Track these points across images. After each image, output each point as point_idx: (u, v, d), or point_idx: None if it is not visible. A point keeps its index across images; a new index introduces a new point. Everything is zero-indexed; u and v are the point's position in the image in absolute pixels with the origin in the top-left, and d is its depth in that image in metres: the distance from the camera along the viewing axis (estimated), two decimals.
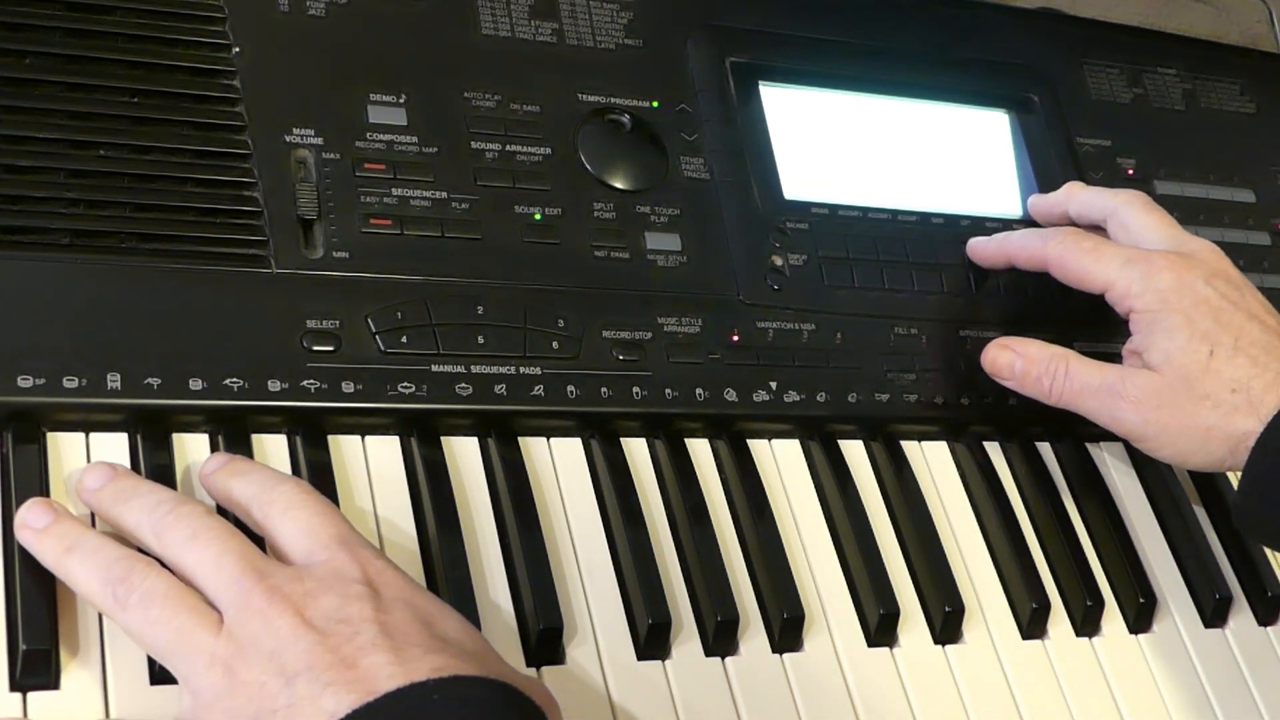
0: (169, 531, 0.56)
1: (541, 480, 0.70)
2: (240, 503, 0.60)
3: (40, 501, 0.58)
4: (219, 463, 0.62)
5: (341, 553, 0.56)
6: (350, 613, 0.53)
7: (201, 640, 0.53)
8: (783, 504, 0.75)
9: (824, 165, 0.84)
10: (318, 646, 0.52)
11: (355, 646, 0.52)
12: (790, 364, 0.76)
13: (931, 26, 0.91)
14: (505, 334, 0.70)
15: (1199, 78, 0.99)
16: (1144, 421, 0.75)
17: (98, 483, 0.59)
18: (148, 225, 0.66)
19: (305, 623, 0.53)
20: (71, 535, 0.56)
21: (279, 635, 0.52)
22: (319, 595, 0.54)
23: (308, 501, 0.59)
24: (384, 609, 0.54)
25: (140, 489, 0.59)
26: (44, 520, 0.57)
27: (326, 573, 0.55)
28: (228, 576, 0.54)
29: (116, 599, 0.54)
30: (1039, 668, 0.74)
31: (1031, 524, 0.80)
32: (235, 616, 0.53)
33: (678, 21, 0.83)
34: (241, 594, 0.54)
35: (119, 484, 0.59)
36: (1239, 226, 0.95)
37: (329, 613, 0.53)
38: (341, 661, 0.51)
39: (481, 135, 0.75)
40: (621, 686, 0.65)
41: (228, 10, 0.71)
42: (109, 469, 0.60)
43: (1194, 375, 0.74)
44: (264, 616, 0.53)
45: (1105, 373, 0.76)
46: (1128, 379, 0.75)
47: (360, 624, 0.53)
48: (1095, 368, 0.77)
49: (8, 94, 0.65)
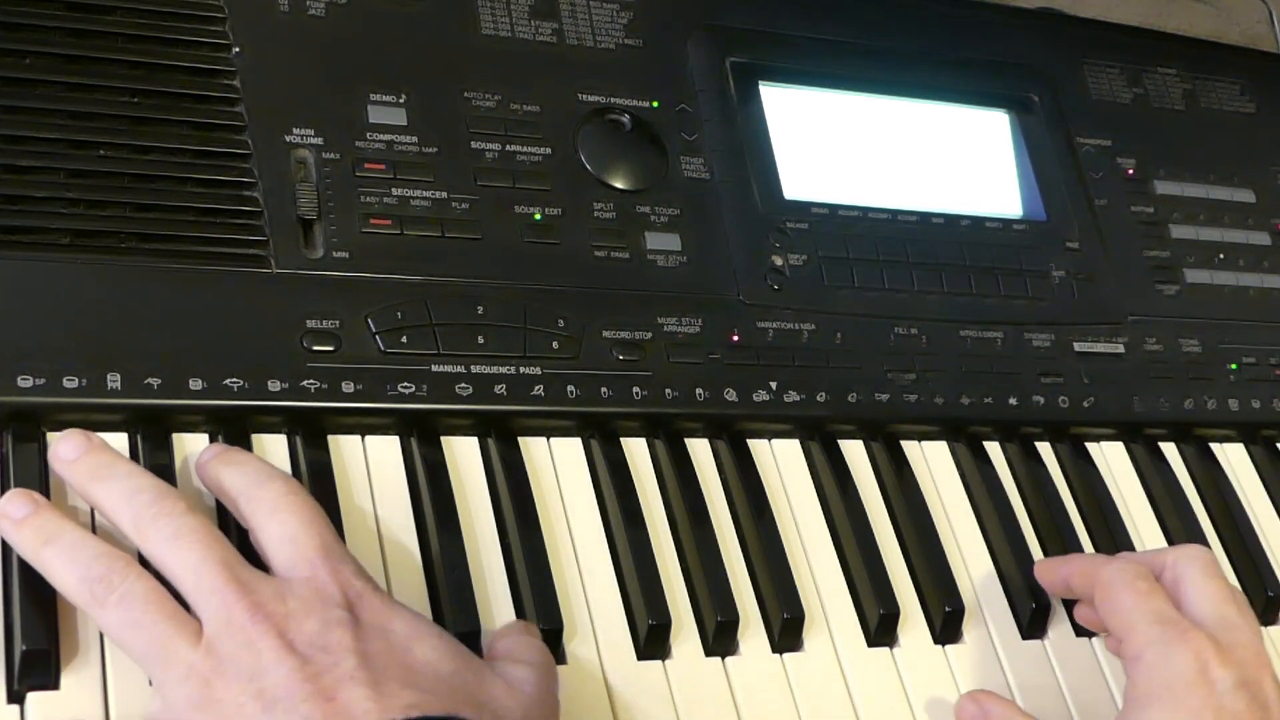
0: (149, 526, 0.55)
1: (541, 480, 0.70)
2: (229, 494, 0.59)
3: (21, 492, 0.57)
4: (214, 452, 0.62)
5: (324, 570, 0.56)
6: (330, 639, 0.53)
7: (179, 650, 0.53)
8: (783, 504, 0.75)
9: (824, 165, 0.84)
10: (297, 674, 0.52)
11: (334, 677, 0.52)
12: (790, 364, 0.76)
13: (931, 26, 0.91)
14: (505, 334, 0.70)
15: (1199, 78, 0.99)
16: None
17: (73, 453, 0.59)
18: (148, 225, 0.66)
19: (286, 646, 0.52)
20: (50, 527, 0.56)
21: (260, 657, 0.52)
22: (300, 618, 0.53)
23: (294, 505, 0.58)
24: (363, 636, 0.54)
25: (118, 468, 0.58)
26: (23, 511, 0.56)
27: (308, 593, 0.55)
28: (209, 585, 0.54)
29: (95, 597, 0.54)
30: (1039, 668, 0.74)
31: (1031, 524, 0.80)
32: (215, 630, 0.53)
33: (678, 21, 0.83)
34: (223, 607, 0.53)
35: (94, 458, 0.58)
36: (1239, 226, 0.95)
37: (310, 638, 0.53)
38: (320, 692, 0.51)
39: (481, 135, 0.75)
40: (621, 686, 0.65)
41: (228, 10, 0.71)
42: (84, 438, 0.59)
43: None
44: (245, 635, 0.52)
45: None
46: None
47: (340, 653, 0.53)
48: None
49: (8, 94, 0.65)
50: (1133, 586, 0.69)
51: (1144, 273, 0.90)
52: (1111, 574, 0.70)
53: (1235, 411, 0.88)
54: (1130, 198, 0.92)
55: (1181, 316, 0.90)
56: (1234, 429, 0.90)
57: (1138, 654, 0.67)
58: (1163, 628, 0.67)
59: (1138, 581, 0.69)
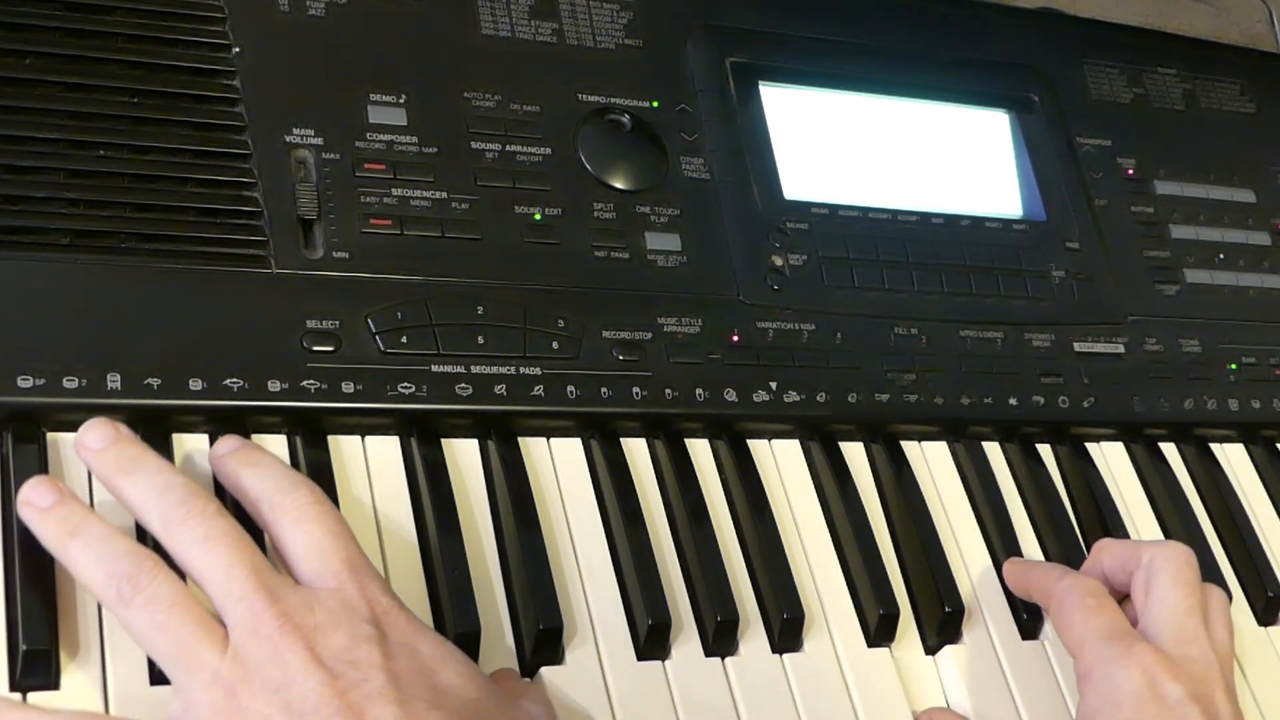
0: (179, 527, 0.55)
1: (541, 480, 0.70)
2: (250, 497, 0.59)
3: (44, 479, 0.57)
4: (230, 446, 0.61)
5: (350, 584, 0.55)
6: (359, 655, 0.53)
7: (205, 656, 0.52)
8: (783, 504, 0.75)
9: (824, 165, 0.84)
10: (326, 688, 0.51)
11: (363, 694, 0.52)
12: (790, 364, 0.76)
13: (931, 26, 0.91)
14: (505, 334, 0.70)
15: (1199, 78, 0.99)
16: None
17: (100, 443, 0.58)
18: (148, 225, 0.66)
19: (315, 659, 0.52)
20: (76, 518, 0.55)
21: (288, 668, 0.52)
22: (329, 631, 0.53)
23: (321, 516, 0.58)
24: (391, 654, 0.53)
25: (146, 462, 0.58)
26: (48, 500, 0.56)
27: (336, 605, 0.54)
28: (238, 592, 0.53)
29: (121, 595, 0.53)
30: (1038, 668, 0.74)
31: (1031, 524, 0.80)
32: (243, 638, 0.53)
33: (678, 21, 0.83)
34: (251, 615, 0.53)
35: (123, 450, 0.58)
36: (1239, 226, 0.95)
37: (339, 652, 0.53)
38: (349, 708, 0.51)
39: (481, 135, 0.75)
40: (621, 686, 0.65)
41: (228, 10, 0.71)
42: (111, 428, 0.59)
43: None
44: (273, 645, 0.52)
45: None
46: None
47: (369, 669, 0.52)
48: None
49: (8, 94, 0.65)
50: (1082, 604, 0.69)
51: (1144, 273, 0.90)
52: (1063, 591, 0.70)
53: (1235, 412, 0.88)
54: (1130, 198, 0.92)
55: (1181, 316, 0.90)
56: (1234, 429, 0.90)
57: (1087, 671, 0.67)
58: (1109, 644, 0.67)
59: (1087, 599, 0.69)
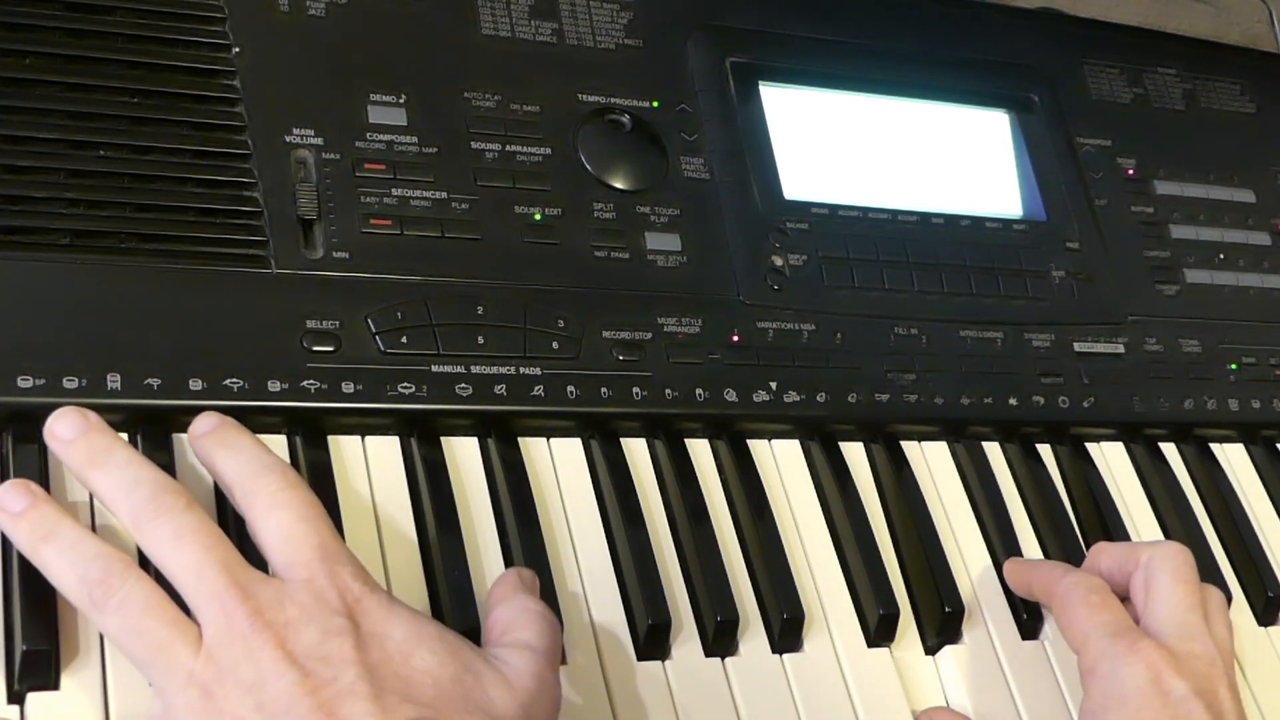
0: (149, 524, 0.55)
1: (541, 480, 0.70)
2: (225, 480, 0.59)
3: (18, 483, 0.57)
4: (208, 426, 0.60)
5: (321, 573, 0.55)
6: (330, 650, 0.53)
7: (179, 656, 0.52)
8: (783, 504, 0.75)
9: (824, 165, 0.84)
10: (297, 687, 0.51)
11: (334, 691, 0.52)
12: (790, 364, 0.76)
13: (931, 26, 0.91)
14: (505, 334, 0.70)
15: (1199, 78, 0.99)
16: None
17: (70, 433, 0.58)
18: (148, 225, 0.66)
19: (287, 657, 0.52)
20: (48, 523, 0.55)
21: (260, 668, 0.52)
22: (300, 627, 0.53)
23: (292, 501, 0.57)
24: (363, 646, 0.54)
25: (116, 454, 0.57)
26: (20, 504, 0.55)
27: (308, 598, 0.54)
28: (209, 590, 0.53)
29: (93, 600, 0.53)
30: (1038, 668, 0.74)
31: (1031, 524, 0.80)
32: (216, 637, 0.53)
33: (678, 21, 0.83)
34: (223, 614, 0.53)
35: (93, 441, 0.57)
36: (1239, 226, 0.95)
37: (310, 649, 0.53)
38: (321, 707, 0.51)
39: (481, 135, 0.75)
40: (621, 686, 0.65)
41: (228, 10, 0.71)
42: (81, 417, 0.58)
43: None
44: (246, 644, 0.52)
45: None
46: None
47: (340, 665, 0.52)
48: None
49: (8, 94, 0.65)
50: (1086, 601, 0.69)
51: (1144, 273, 0.90)
52: (1066, 588, 0.71)
53: (1235, 412, 0.88)
54: (1130, 198, 0.92)
55: (1181, 316, 0.90)
56: (1234, 429, 0.90)
57: (1091, 667, 0.67)
58: (1114, 640, 0.67)
59: (1090, 595, 0.70)
